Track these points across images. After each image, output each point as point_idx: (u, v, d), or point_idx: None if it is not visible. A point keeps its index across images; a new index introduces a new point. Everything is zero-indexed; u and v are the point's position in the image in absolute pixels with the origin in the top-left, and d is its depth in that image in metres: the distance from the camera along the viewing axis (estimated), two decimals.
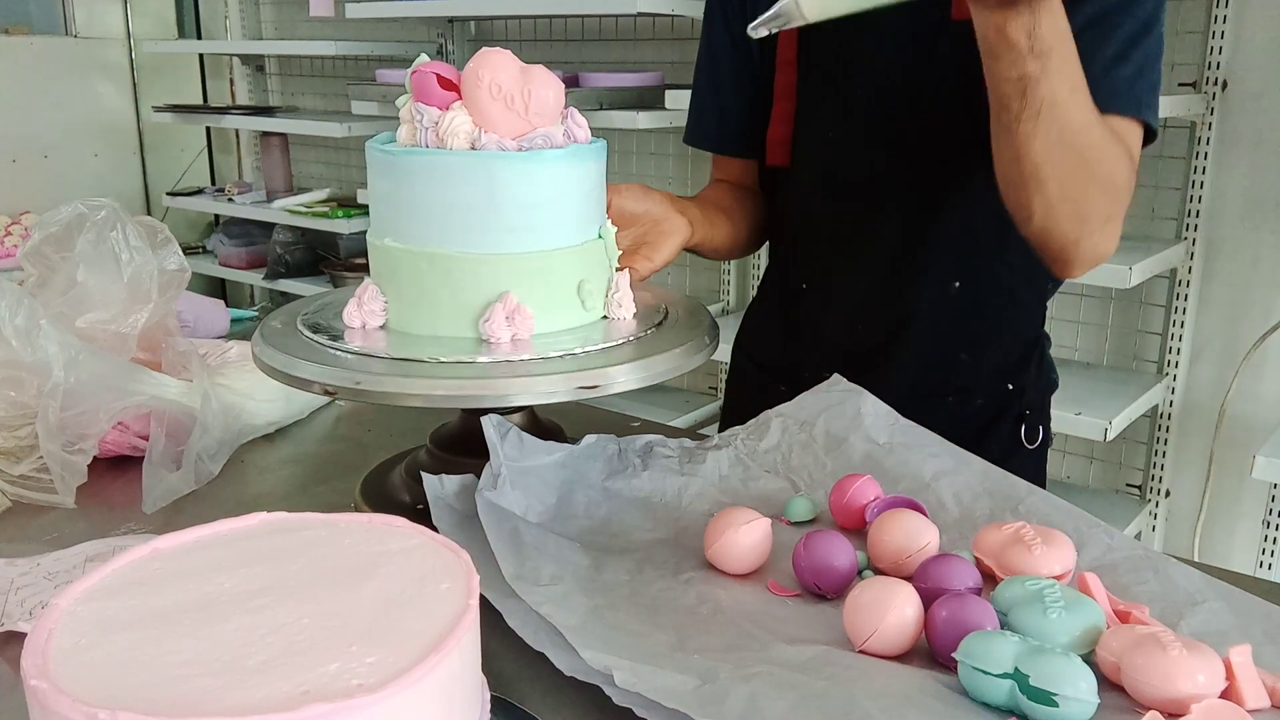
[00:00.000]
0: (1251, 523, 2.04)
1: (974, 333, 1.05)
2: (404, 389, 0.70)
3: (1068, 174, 0.82)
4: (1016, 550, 0.67)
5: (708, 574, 0.70)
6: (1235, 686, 0.55)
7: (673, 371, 0.76)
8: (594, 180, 0.80)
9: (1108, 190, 0.85)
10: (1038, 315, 1.10)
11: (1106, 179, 0.84)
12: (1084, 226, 0.86)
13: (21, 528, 0.85)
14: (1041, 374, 1.10)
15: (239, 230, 3.51)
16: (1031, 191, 0.84)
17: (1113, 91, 0.86)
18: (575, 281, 0.79)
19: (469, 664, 0.46)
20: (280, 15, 3.71)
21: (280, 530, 0.53)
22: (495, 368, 0.71)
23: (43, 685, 0.39)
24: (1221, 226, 1.97)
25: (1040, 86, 0.77)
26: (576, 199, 0.77)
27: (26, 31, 3.47)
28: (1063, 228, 0.86)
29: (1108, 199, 0.86)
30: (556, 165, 0.75)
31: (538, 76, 0.75)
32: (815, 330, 1.11)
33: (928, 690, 0.55)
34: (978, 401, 1.06)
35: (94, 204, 0.98)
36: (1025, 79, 0.77)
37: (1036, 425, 1.09)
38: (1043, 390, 1.11)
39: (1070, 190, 0.83)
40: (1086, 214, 0.85)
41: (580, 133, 0.78)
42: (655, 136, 2.77)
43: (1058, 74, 0.77)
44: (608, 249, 0.82)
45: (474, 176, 0.74)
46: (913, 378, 1.04)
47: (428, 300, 0.76)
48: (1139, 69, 0.88)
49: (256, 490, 0.95)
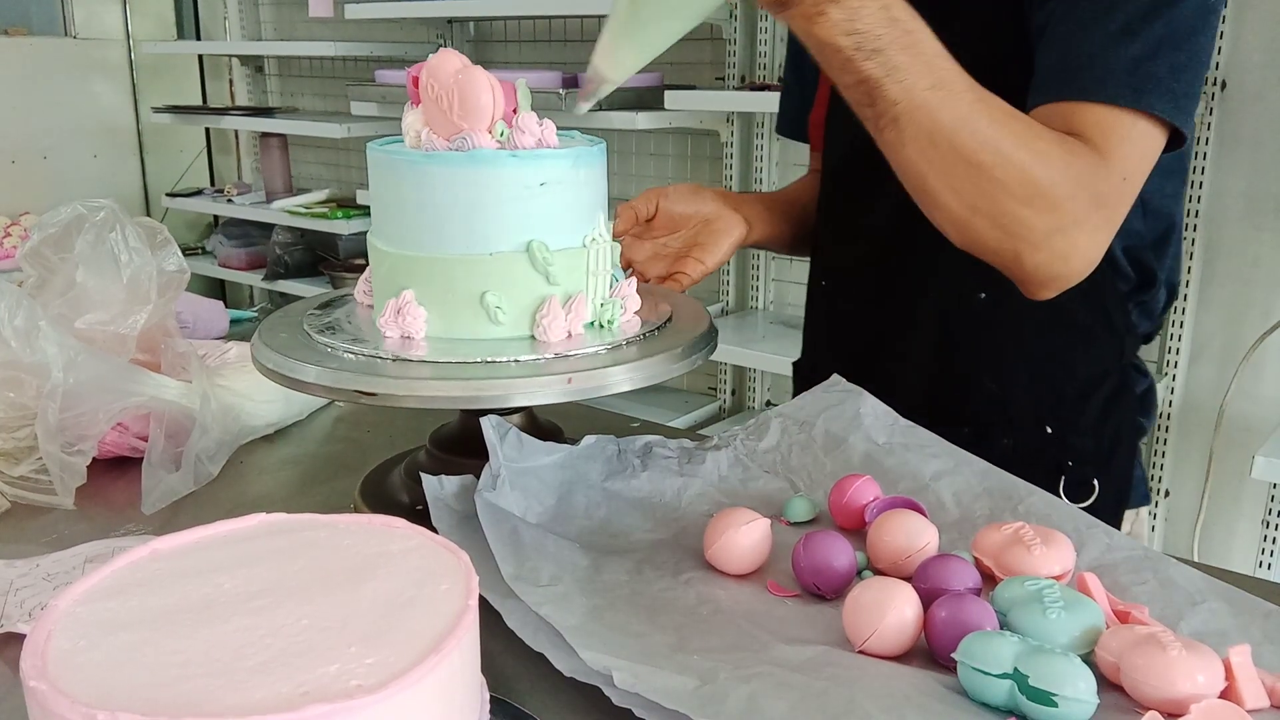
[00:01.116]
0: (1251, 523, 2.04)
1: (1003, 355, 0.91)
2: (404, 390, 0.70)
3: (960, 183, 0.72)
4: (1016, 550, 0.67)
5: (707, 574, 0.70)
6: (1235, 687, 0.55)
7: (672, 372, 0.76)
8: (549, 187, 0.75)
9: (1029, 198, 0.72)
10: (1110, 349, 0.91)
11: (1021, 184, 0.72)
12: (1016, 242, 0.74)
13: (21, 529, 0.85)
14: (1110, 420, 0.92)
15: (238, 231, 3.51)
16: (929, 207, 0.75)
17: (1105, 74, 0.74)
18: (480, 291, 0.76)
19: (468, 665, 0.46)
20: (279, 16, 3.72)
21: (279, 531, 0.53)
22: (495, 368, 0.71)
23: (42, 686, 0.39)
24: (1221, 226, 1.97)
25: (886, 89, 0.68)
26: (511, 204, 0.74)
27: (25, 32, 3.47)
28: (988, 245, 0.75)
29: (1035, 209, 0.72)
30: (481, 169, 0.74)
31: (470, 78, 0.74)
32: (834, 330, 1.07)
33: (927, 690, 0.55)
34: (1004, 441, 0.89)
35: (93, 205, 0.98)
36: (866, 83, 0.69)
37: (1088, 479, 0.90)
38: (1104, 438, 0.92)
39: (973, 201, 0.72)
40: (1010, 228, 0.73)
41: (525, 138, 0.75)
42: (655, 136, 2.77)
43: (907, 71, 0.68)
44: (596, 257, 0.78)
45: (424, 178, 0.75)
46: (924, 398, 0.91)
47: (464, 303, 0.77)
48: (1150, 49, 0.74)
49: (256, 491, 0.95)
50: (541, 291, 0.76)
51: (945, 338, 0.93)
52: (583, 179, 0.77)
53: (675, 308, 0.86)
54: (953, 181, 0.72)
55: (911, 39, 0.69)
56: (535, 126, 0.76)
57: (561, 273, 0.76)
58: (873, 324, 1.00)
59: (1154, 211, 0.89)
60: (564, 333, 0.76)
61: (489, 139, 0.75)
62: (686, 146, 2.73)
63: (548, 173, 0.75)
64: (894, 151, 0.73)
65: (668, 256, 0.99)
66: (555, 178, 0.75)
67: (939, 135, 0.70)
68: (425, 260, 0.76)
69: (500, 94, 0.75)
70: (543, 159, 0.75)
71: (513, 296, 0.75)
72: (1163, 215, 0.90)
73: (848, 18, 0.66)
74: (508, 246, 0.75)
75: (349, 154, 3.57)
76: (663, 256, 0.99)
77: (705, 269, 0.93)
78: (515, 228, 0.75)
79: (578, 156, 0.76)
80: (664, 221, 0.98)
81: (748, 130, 2.57)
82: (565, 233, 0.76)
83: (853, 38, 0.67)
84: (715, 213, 0.94)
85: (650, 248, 1.00)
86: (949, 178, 0.72)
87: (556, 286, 0.76)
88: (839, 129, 1.00)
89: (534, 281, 0.76)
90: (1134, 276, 0.91)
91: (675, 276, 0.96)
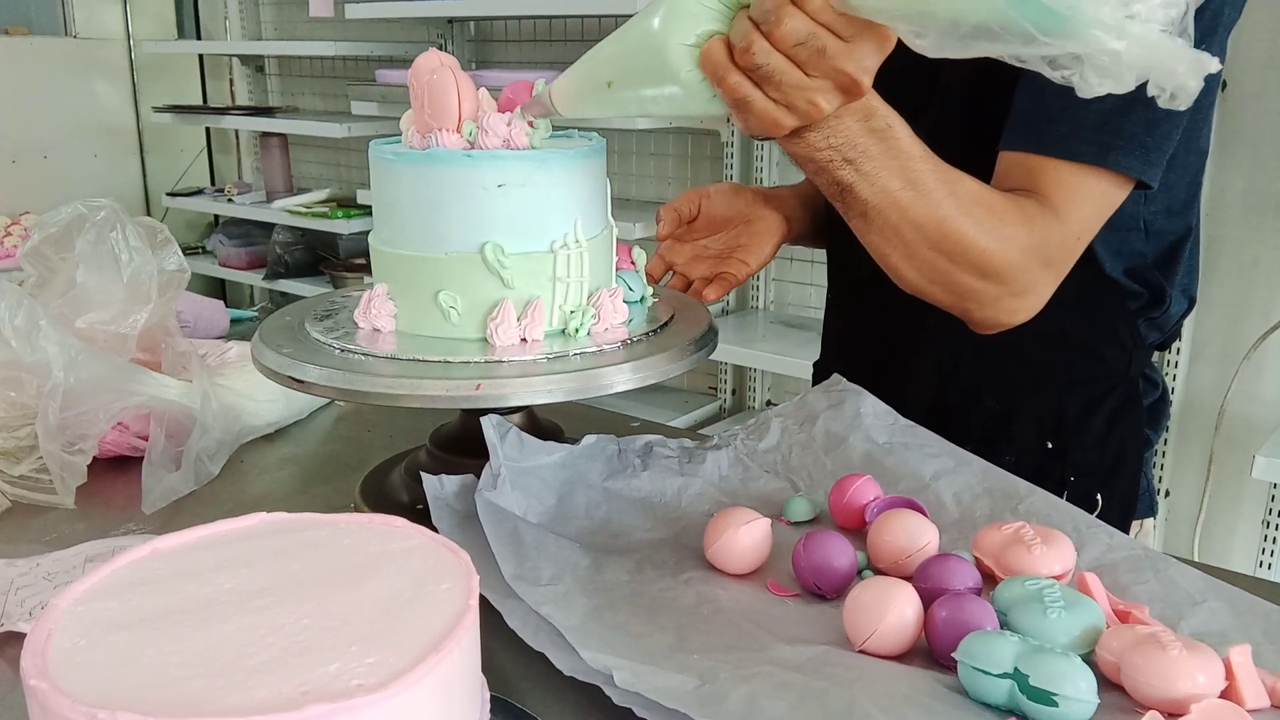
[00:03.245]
0: (1251, 523, 2.04)
1: (1005, 376, 0.90)
2: (404, 390, 0.70)
3: (920, 264, 0.75)
4: (1016, 550, 0.67)
5: (708, 574, 0.70)
6: (1235, 686, 0.55)
7: (672, 372, 0.76)
8: (508, 189, 0.74)
9: (984, 275, 0.75)
10: (1117, 363, 0.90)
11: (979, 266, 0.75)
12: (966, 303, 0.78)
13: (21, 528, 0.85)
14: (1115, 433, 0.91)
15: (239, 231, 3.51)
16: (888, 270, 0.78)
17: (1072, 129, 0.76)
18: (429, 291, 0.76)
19: (469, 664, 0.46)
20: (280, 15, 3.72)
21: (280, 530, 0.53)
22: (495, 368, 0.71)
23: (42, 686, 0.39)
24: (1221, 226, 1.97)
25: (858, 190, 0.71)
26: (468, 205, 0.74)
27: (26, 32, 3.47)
28: (940, 302, 0.79)
29: (989, 282, 0.76)
30: (437, 168, 0.74)
31: (440, 79, 0.74)
32: (841, 342, 1.06)
33: (927, 690, 0.55)
34: (1006, 458, 0.86)
35: (94, 204, 0.98)
36: (838, 184, 0.71)
37: (1091, 493, 0.90)
38: (1108, 452, 0.91)
39: (931, 276, 0.76)
40: (963, 294, 0.77)
41: (490, 139, 0.74)
42: (655, 136, 2.77)
43: (879, 175, 0.70)
44: (567, 263, 0.76)
45: (393, 176, 0.75)
46: (927, 412, 0.90)
47: (423, 301, 0.77)
48: (1125, 103, 0.69)
49: (256, 490, 0.95)
50: (495, 295, 0.75)
51: (946, 358, 0.93)
52: (550, 181, 0.75)
53: (676, 307, 0.87)
54: (914, 263, 0.75)
55: (887, 144, 0.70)
56: (502, 127, 0.75)
57: (518, 277, 0.75)
58: (877, 342, 1.00)
59: (1157, 232, 0.88)
60: (516, 338, 0.75)
61: (456, 139, 0.75)
62: (687, 146, 2.73)
63: (506, 174, 0.73)
64: (860, 234, 0.76)
65: (710, 258, 0.97)
66: (515, 180, 0.74)
67: (905, 228, 0.73)
68: (390, 256, 0.78)
69: (469, 95, 0.75)
70: (501, 160, 0.73)
71: (467, 298, 0.75)
72: (1166, 234, 0.89)
73: (824, 136, 0.68)
74: (463, 247, 0.74)
75: (349, 154, 3.57)
76: (705, 258, 0.98)
77: (749, 270, 0.92)
78: (470, 229, 0.74)
79: (541, 159, 0.74)
80: (705, 223, 0.97)
81: None
82: (527, 236, 0.75)
83: (828, 151, 0.69)
84: (757, 213, 0.93)
85: (691, 250, 0.98)
86: (911, 260, 0.75)
87: (511, 291, 0.75)
88: None
89: (488, 284, 0.75)
90: (1143, 293, 0.89)
91: (722, 277, 0.95)
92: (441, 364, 0.72)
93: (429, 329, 0.76)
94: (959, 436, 0.86)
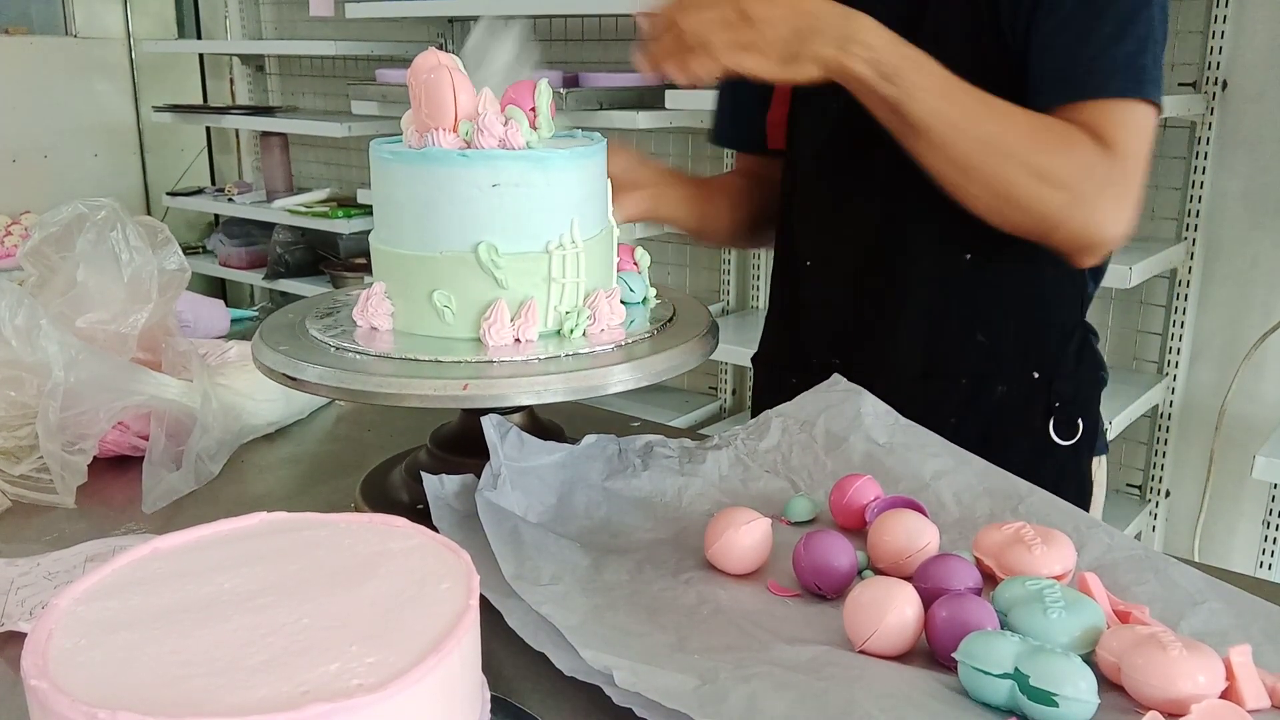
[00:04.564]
0: (1251, 523, 2.04)
1: (991, 311, 1.00)
2: (404, 390, 0.70)
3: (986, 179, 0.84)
4: (1016, 550, 0.67)
5: (708, 574, 0.70)
6: (1235, 687, 0.55)
7: (672, 371, 0.76)
8: (503, 189, 0.74)
9: (1040, 179, 0.84)
10: (1074, 302, 1.03)
11: (1031, 168, 0.83)
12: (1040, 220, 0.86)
13: (21, 528, 0.85)
14: (1081, 367, 1.03)
15: (239, 230, 3.51)
16: (963, 199, 0.86)
17: (1109, 72, 0.86)
18: None
19: (469, 664, 0.46)
20: (280, 15, 3.72)
21: (280, 530, 0.53)
22: (495, 368, 0.71)
23: (43, 685, 0.39)
24: (1221, 226, 1.97)
25: (909, 108, 0.82)
26: (462, 205, 0.74)
27: (26, 31, 3.47)
28: (1019, 224, 0.87)
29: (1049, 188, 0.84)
30: (431, 168, 0.74)
31: (437, 78, 0.74)
32: (819, 310, 1.09)
33: (928, 690, 0.55)
34: (999, 389, 1.00)
35: (94, 204, 0.98)
36: (888, 104, 0.82)
37: (1073, 419, 1.02)
38: (1080, 384, 1.03)
39: (995, 188, 0.85)
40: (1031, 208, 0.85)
41: (486, 139, 0.74)
42: (655, 136, 2.77)
43: (922, 88, 0.81)
44: (562, 264, 0.76)
45: (389, 175, 0.76)
46: (922, 358, 1.00)
47: (419, 300, 0.77)
48: (1138, 46, 0.87)
49: (257, 490, 0.95)
50: (490, 295, 0.75)
51: (939, 301, 1.00)
52: (545, 181, 0.74)
53: (676, 307, 0.87)
54: (978, 180, 0.85)
55: (920, 64, 0.82)
56: (499, 127, 0.74)
57: (512, 277, 0.74)
58: (861, 301, 1.04)
59: None
60: (509, 338, 0.75)
61: (453, 138, 0.75)
62: (687, 146, 2.73)
63: (501, 174, 0.73)
64: (924, 161, 0.85)
65: None
66: (509, 180, 0.73)
67: (961, 141, 0.83)
68: (388, 255, 0.78)
69: (467, 94, 0.75)
70: (495, 160, 0.73)
71: (461, 297, 0.75)
72: None
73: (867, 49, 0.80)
74: (457, 247, 0.74)
75: (349, 153, 3.57)
76: None
77: None
78: (465, 228, 0.74)
79: (537, 159, 0.74)
80: None
81: None
82: (522, 236, 0.74)
83: (864, 67, 0.80)
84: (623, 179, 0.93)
85: None
86: (975, 177, 0.84)
87: (505, 291, 0.75)
88: (812, 122, 1.04)
89: (482, 284, 0.74)
90: None
91: None
92: (433, 363, 0.72)
93: (425, 328, 0.76)
94: (954, 373, 1.00)
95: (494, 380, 0.70)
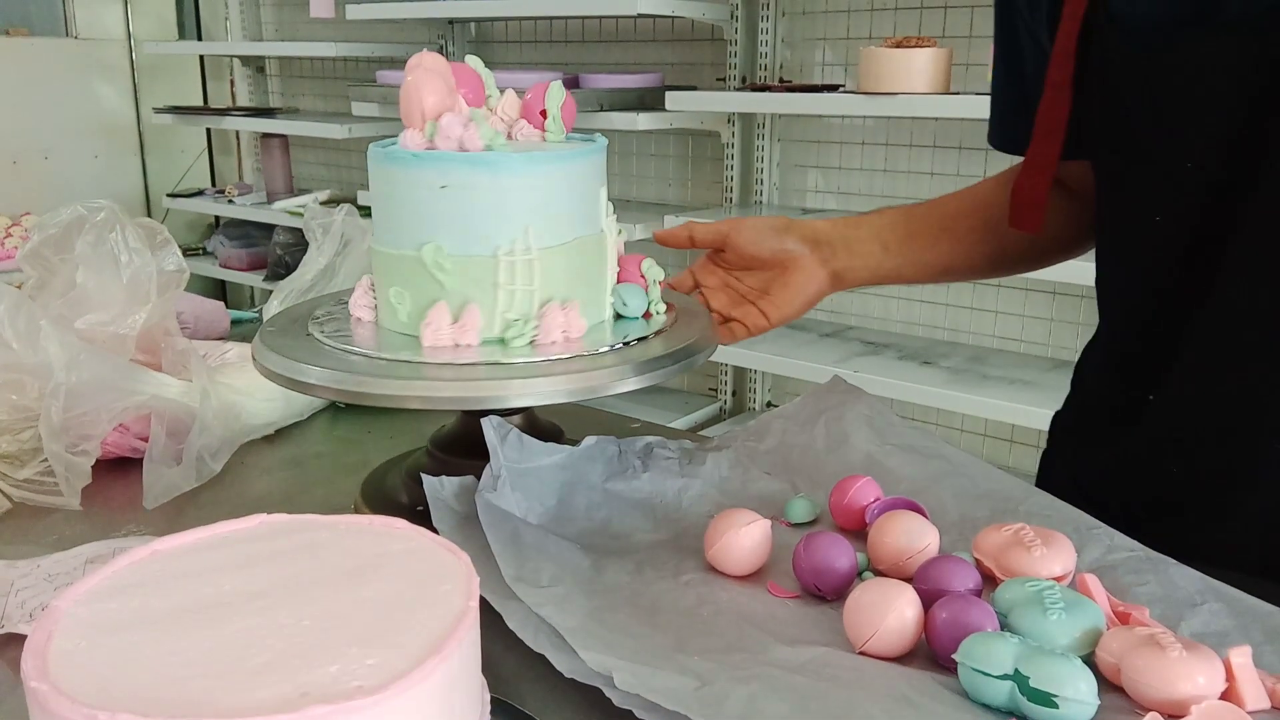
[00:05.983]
0: None
1: None
2: (403, 391, 0.70)
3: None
4: (1016, 552, 0.67)
5: (708, 575, 0.70)
6: (1235, 688, 0.55)
7: (672, 373, 0.76)
8: (451, 190, 0.73)
9: None
10: None
11: None
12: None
13: (22, 530, 0.85)
14: None
15: (239, 232, 3.51)
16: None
17: None
18: None
19: (469, 666, 0.46)
20: (281, 16, 3.72)
21: (280, 532, 0.53)
22: (495, 369, 0.71)
23: (43, 687, 0.39)
24: None
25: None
26: (413, 204, 0.74)
27: (26, 32, 3.48)
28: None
29: None
30: (388, 167, 0.75)
31: (413, 80, 0.75)
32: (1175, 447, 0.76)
33: (928, 692, 0.55)
34: None
35: (93, 206, 0.99)
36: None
37: None
38: None
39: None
40: None
41: (445, 141, 0.74)
42: (655, 137, 2.77)
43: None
44: (513, 271, 0.74)
45: (374, 174, 0.77)
46: None
47: (384, 297, 0.79)
48: None
49: (257, 492, 0.95)
50: (432, 296, 0.75)
51: None
52: (495, 186, 0.73)
53: (676, 308, 0.86)
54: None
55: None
56: (457, 129, 0.74)
57: (455, 280, 0.74)
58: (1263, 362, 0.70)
59: None
60: (449, 341, 0.74)
61: (420, 138, 0.76)
62: (687, 147, 2.73)
63: (449, 176, 0.72)
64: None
65: (734, 294, 0.89)
66: (457, 182, 0.72)
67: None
68: (372, 252, 0.80)
69: (438, 95, 0.75)
70: (444, 162, 0.73)
71: (410, 296, 0.76)
72: None
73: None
74: (407, 246, 0.75)
75: (350, 154, 3.58)
76: (731, 291, 0.89)
77: (767, 325, 0.83)
78: (415, 228, 0.74)
79: (487, 162, 0.73)
80: (735, 258, 0.88)
81: (749, 131, 2.57)
82: (470, 239, 0.73)
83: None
84: (794, 261, 0.83)
85: (720, 278, 0.90)
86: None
87: (447, 294, 0.74)
88: None
89: (427, 284, 0.75)
90: None
91: (730, 325, 0.88)
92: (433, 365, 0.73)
93: (390, 324, 0.79)
94: None
95: (500, 382, 0.70)
